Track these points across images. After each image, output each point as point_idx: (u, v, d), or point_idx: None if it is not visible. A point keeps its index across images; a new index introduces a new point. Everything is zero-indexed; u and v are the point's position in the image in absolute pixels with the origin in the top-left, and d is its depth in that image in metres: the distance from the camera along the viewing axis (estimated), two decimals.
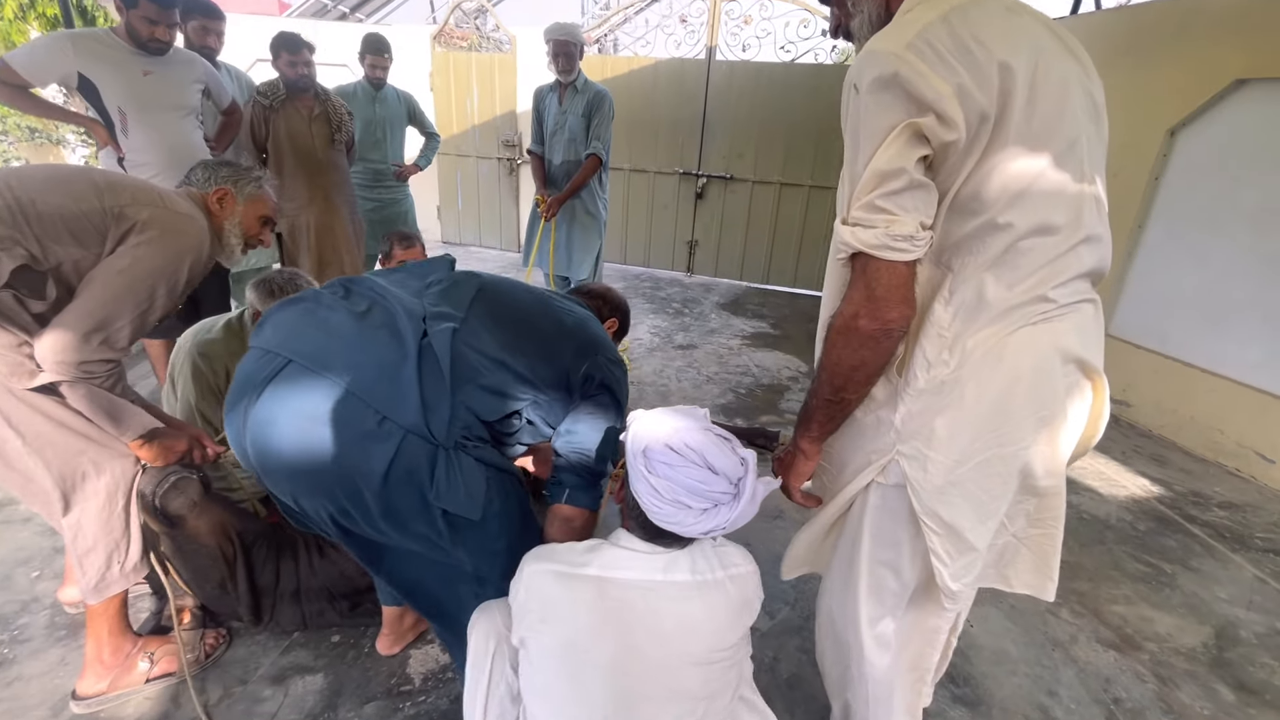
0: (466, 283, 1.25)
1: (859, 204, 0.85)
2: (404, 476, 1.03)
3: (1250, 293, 2.81)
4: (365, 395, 1.03)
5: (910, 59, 0.79)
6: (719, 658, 0.98)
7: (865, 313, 0.87)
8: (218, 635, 1.59)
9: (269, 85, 2.89)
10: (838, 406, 0.97)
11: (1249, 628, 1.91)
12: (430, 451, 1.05)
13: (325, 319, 1.13)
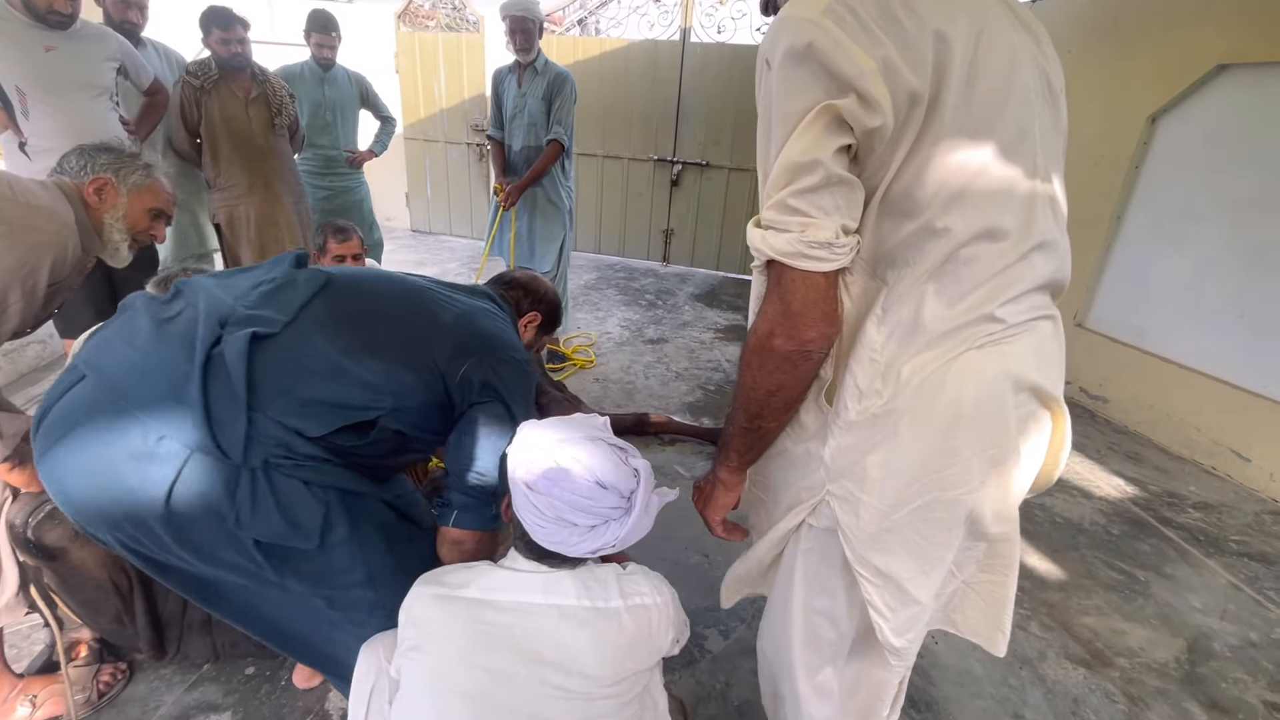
0: (306, 282, 1.11)
1: (770, 203, 0.72)
2: (193, 501, 0.92)
3: (1229, 286, 2.73)
4: (145, 411, 0.93)
5: (828, 25, 0.65)
6: (602, 693, 0.88)
7: (781, 330, 0.74)
8: (115, 671, 1.45)
9: (199, 65, 2.69)
10: (755, 435, 0.85)
11: (1222, 639, 1.84)
12: (227, 473, 0.93)
13: (132, 330, 1.02)
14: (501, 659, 0.85)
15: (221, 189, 2.81)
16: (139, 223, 1.44)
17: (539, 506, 0.87)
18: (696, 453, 2.68)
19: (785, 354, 0.75)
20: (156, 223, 1.50)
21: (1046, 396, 0.81)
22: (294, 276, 1.13)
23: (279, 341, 1.01)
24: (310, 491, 0.98)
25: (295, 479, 0.97)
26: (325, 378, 1.01)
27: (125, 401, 0.93)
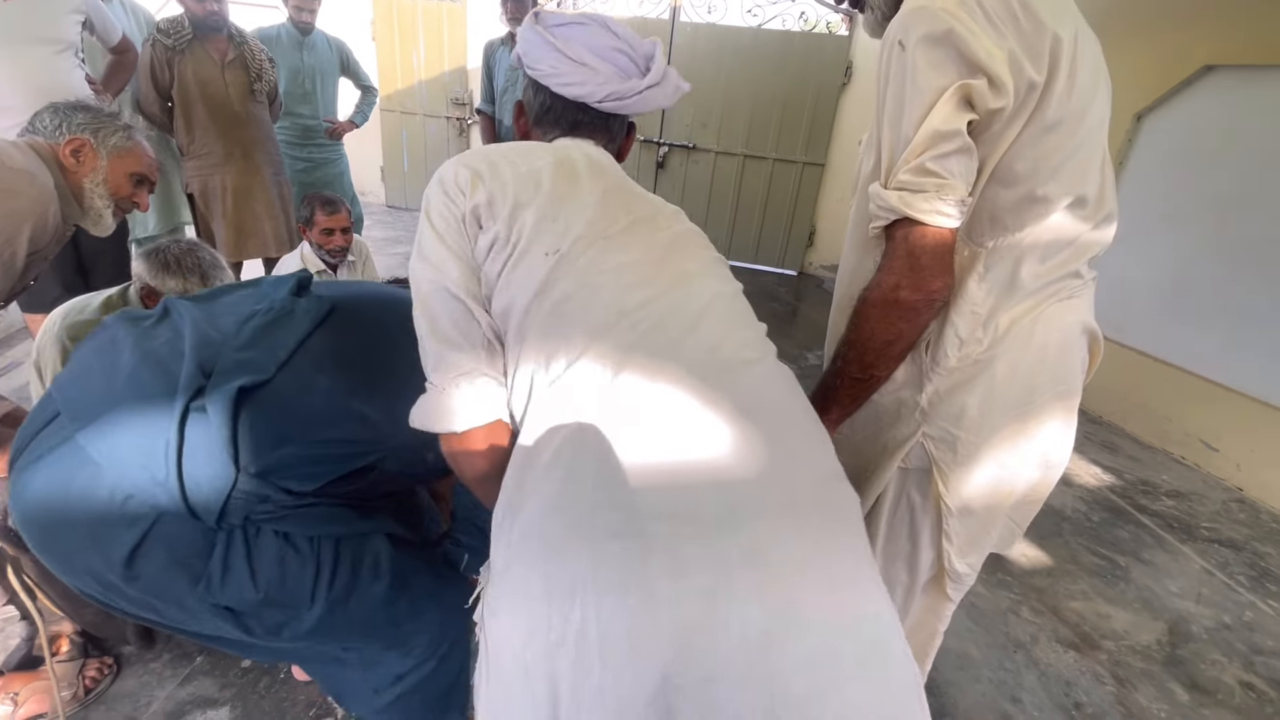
0: (305, 314, 0.97)
1: (908, 167, 0.79)
2: (159, 567, 0.82)
3: (1209, 283, 2.82)
4: (113, 467, 0.82)
5: (963, 17, 0.74)
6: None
7: (908, 283, 0.82)
8: (101, 666, 1.38)
9: (172, 23, 2.52)
10: (865, 385, 0.92)
11: (1199, 622, 1.92)
12: (200, 535, 0.83)
13: (114, 358, 0.91)
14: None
15: (195, 157, 2.65)
16: (121, 188, 1.34)
17: (560, 46, 0.83)
18: None
19: (911, 304, 0.83)
20: (140, 189, 1.41)
21: (1095, 337, 0.95)
22: (292, 307, 0.99)
23: (272, 389, 0.88)
24: (294, 547, 0.87)
25: (278, 533, 0.86)
26: (326, 423, 0.90)
27: (94, 453, 0.82)
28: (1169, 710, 1.61)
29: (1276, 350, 2.61)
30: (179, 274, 1.57)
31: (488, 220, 0.74)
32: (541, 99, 0.89)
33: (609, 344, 0.68)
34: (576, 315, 0.70)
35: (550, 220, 0.74)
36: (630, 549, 0.61)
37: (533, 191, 0.75)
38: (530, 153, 0.81)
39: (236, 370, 0.87)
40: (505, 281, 0.73)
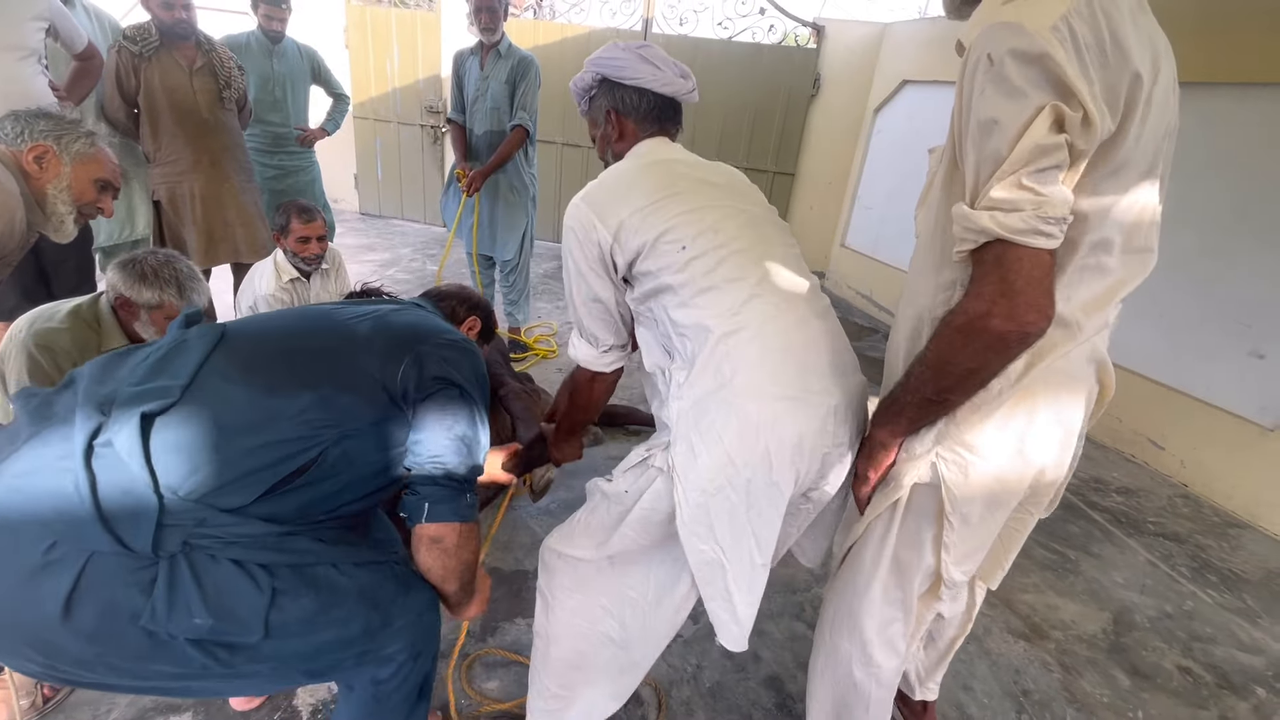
0: (199, 338, 0.97)
1: (1003, 183, 0.74)
2: (99, 609, 0.78)
3: (1148, 290, 2.93)
4: (27, 521, 0.79)
5: (1055, 44, 0.70)
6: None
7: (1000, 311, 0.76)
8: None
9: (138, 29, 2.51)
10: (937, 408, 0.90)
11: (1142, 612, 2.02)
12: (137, 567, 0.80)
13: (12, 431, 0.89)
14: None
15: (162, 164, 2.63)
16: (85, 194, 1.35)
17: (648, 59, 1.14)
18: (636, 435, 2.71)
19: (1000, 334, 0.77)
20: (104, 195, 1.41)
21: (1104, 367, 0.98)
22: (183, 338, 0.99)
23: (182, 410, 0.87)
24: (245, 573, 0.84)
25: (224, 559, 0.83)
26: (249, 429, 0.88)
27: (5, 517, 0.79)
28: (1111, 695, 1.69)
29: (1210, 353, 2.75)
30: (155, 285, 1.57)
31: (628, 238, 1.03)
32: (645, 100, 1.16)
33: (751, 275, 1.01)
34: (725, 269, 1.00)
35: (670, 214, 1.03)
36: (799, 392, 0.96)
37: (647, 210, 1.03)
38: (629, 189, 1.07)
39: (136, 401, 0.86)
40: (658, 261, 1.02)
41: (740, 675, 1.61)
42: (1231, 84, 2.66)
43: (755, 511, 0.96)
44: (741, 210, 1.10)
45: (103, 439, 0.83)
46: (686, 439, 0.97)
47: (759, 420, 0.93)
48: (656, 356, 1.09)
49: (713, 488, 0.94)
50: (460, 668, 1.52)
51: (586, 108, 1.25)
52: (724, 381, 0.95)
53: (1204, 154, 2.76)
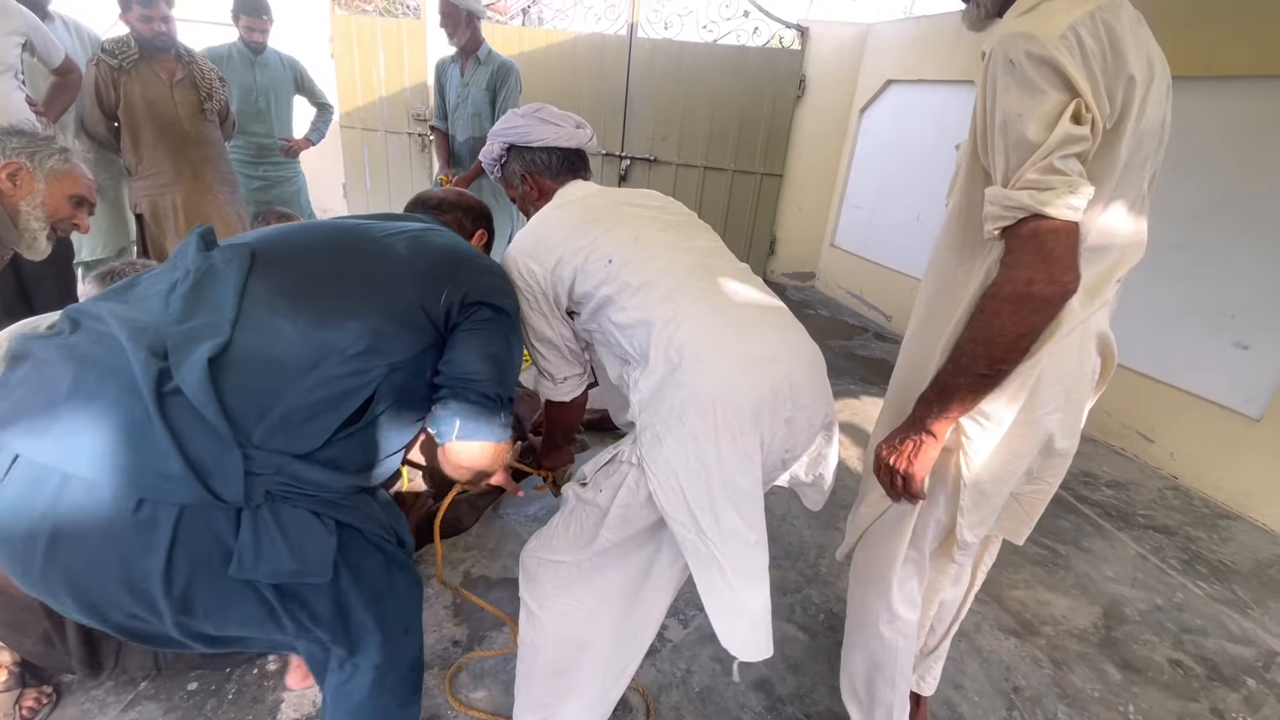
0: (227, 264, 0.93)
1: (1036, 166, 0.84)
2: (196, 560, 0.79)
3: (1133, 283, 2.95)
4: (108, 479, 0.76)
5: (1064, 50, 0.81)
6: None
7: (1042, 276, 0.85)
8: (39, 695, 1.35)
9: (117, 43, 2.50)
10: (991, 380, 0.94)
11: (1133, 605, 2.02)
12: (227, 518, 0.80)
13: (44, 374, 0.82)
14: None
15: (144, 177, 2.63)
16: (59, 211, 1.35)
17: (548, 120, 1.25)
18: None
19: (1045, 296, 0.87)
20: (79, 211, 1.41)
21: (1108, 344, 1.09)
22: (209, 263, 0.94)
23: (236, 349, 0.84)
24: (318, 519, 0.85)
25: (302, 509, 0.84)
26: (310, 367, 0.86)
27: (77, 477, 0.77)
28: (1102, 689, 1.69)
29: (1195, 346, 2.76)
30: None
31: (564, 270, 1.11)
32: (554, 157, 1.27)
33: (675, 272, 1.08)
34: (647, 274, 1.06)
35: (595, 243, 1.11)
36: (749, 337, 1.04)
37: (574, 239, 1.12)
38: (555, 229, 1.16)
39: (191, 342, 0.82)
40: (595, 283, 1.09)
41: (729, 679, 1.60)
42: (1209, 77, 2.68)
43: (732, 486, 0.97)
44: (658, 218, 1.19)
45: (170, 386, 0.80)
46: (651, 427, 1.00)
47: (713, 393, 0.96)
48: (616, 369, 1.14)
49: (682, 468, 0.96)
50: (445, 678, 1.51)
51: (500, 174, 1.35)
52: (674, 365, 0.99)
53: (1184, 148, 2.77)
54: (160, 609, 0.80)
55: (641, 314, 1.04)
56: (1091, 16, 0.82)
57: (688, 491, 0.96)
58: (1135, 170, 0.92)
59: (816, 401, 1.06)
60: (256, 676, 1.48)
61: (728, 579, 0.98)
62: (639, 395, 1.04)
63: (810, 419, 1.06)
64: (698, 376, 0.97)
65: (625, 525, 1.07)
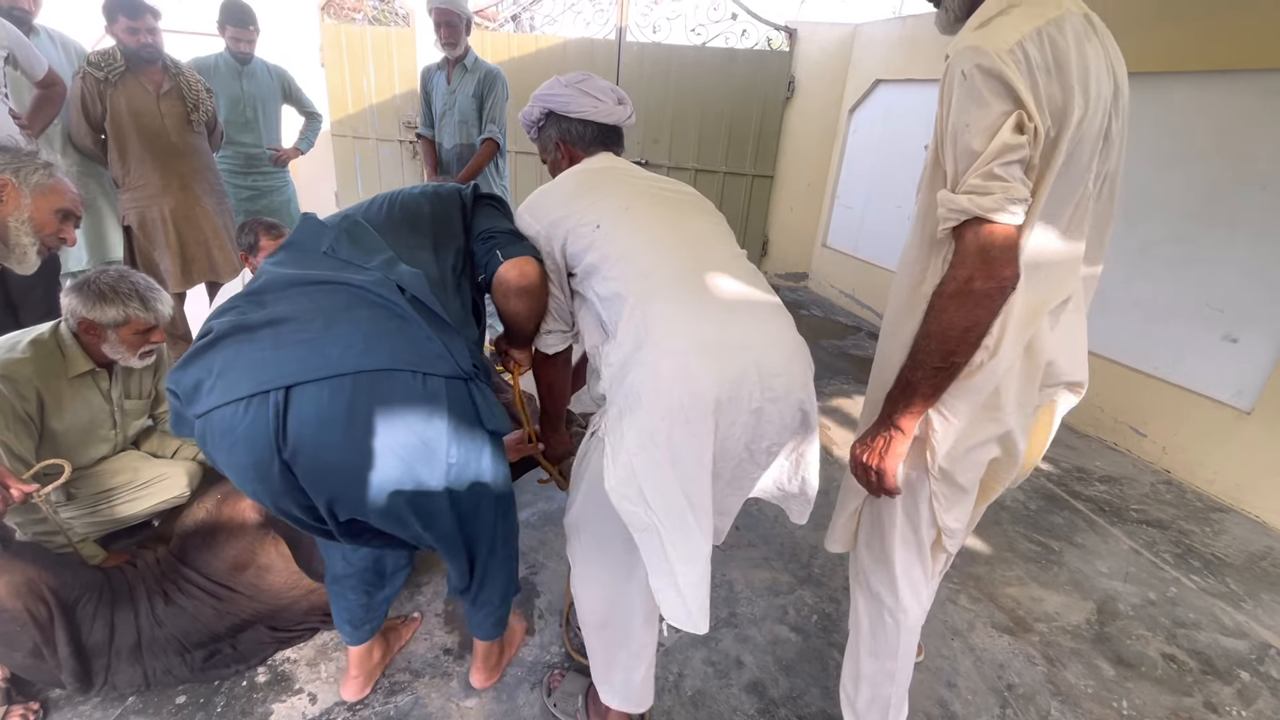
0: (356, 225, 1.20)
1: (977, 173, 0.90)
2: (459, 421, 1.03)
3: (1122, 279, 2.98)
4: (397, 365, 0.99)
5: (1010, 64, 0.86)
6: None
7: (981, 274, 0.92)
8: (26, 712, 1.35)
9: (103, 55, 2.50)
10: (946, 373, 0.99)
11: (1126, 600, 2.02)
12: (464, 386, 1.05)
13: (281, 335, 0.99)
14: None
15: (131, 188, 2.62)
16: (46, 225, 1.35)
17: (588, 92, 1.29)
18: None
19: (985, 292, 0.93)
20: (65, 224, 1.41)
21: (1054, 372, 1.12)
22: (344, 226, 1.20)
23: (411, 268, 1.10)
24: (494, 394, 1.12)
25: (485, 386, 1.09)
26: (441, 277, 1.15)
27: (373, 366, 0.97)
28: (1096, 685, 1.69)
29: (1185, 339, 2.77)
30: (117, 301, 1.56)
31: (556, 231, 1.18)
32: (589, 129, 1.31)
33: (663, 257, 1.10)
34: (633, 247, 1.10)
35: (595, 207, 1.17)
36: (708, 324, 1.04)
37: (572, 202, 1.19)
38: (558, 190, 1.24)
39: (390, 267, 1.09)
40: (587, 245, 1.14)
41: (722, 682, 1.59)
42: (1194, 72, 2.69)
43: (681, 469, 0.98)
44: (658, 192, 1.23)
45: (409, 295, 1.05)
46: (615, 403, 1.04)
47: (671, 375, 0.98)
48: (595, 337, 1.16)
49: (637, 446, 0.98)
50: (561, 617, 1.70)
51: (536, 136, 1.40)
52: (640, 342, 1.01)
53: (1170, 143, 2.79)
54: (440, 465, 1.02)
55: (618, 287, 1.07)
56: (1039, 32, 0.88)
57: (639, 471, 0.98)
58: (1075, 175, 0.98)
59: (791, 394, 1.05)
60: (245, 689, 1.48)
61: (666, 553, 1.01)
62: (609, 369, 1.07)
63: (783, 412, 1.05)
64: (659, 357, 0.99)
65: (595, 497, 1.11)
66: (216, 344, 1.00)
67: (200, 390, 0.97)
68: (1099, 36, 0.98)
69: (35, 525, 1.57)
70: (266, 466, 0.96)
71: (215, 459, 1.01)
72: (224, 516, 1.62)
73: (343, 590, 1.36)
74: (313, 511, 1.05)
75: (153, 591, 1.53)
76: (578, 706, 1.44)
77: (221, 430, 0.96)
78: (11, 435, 1.53)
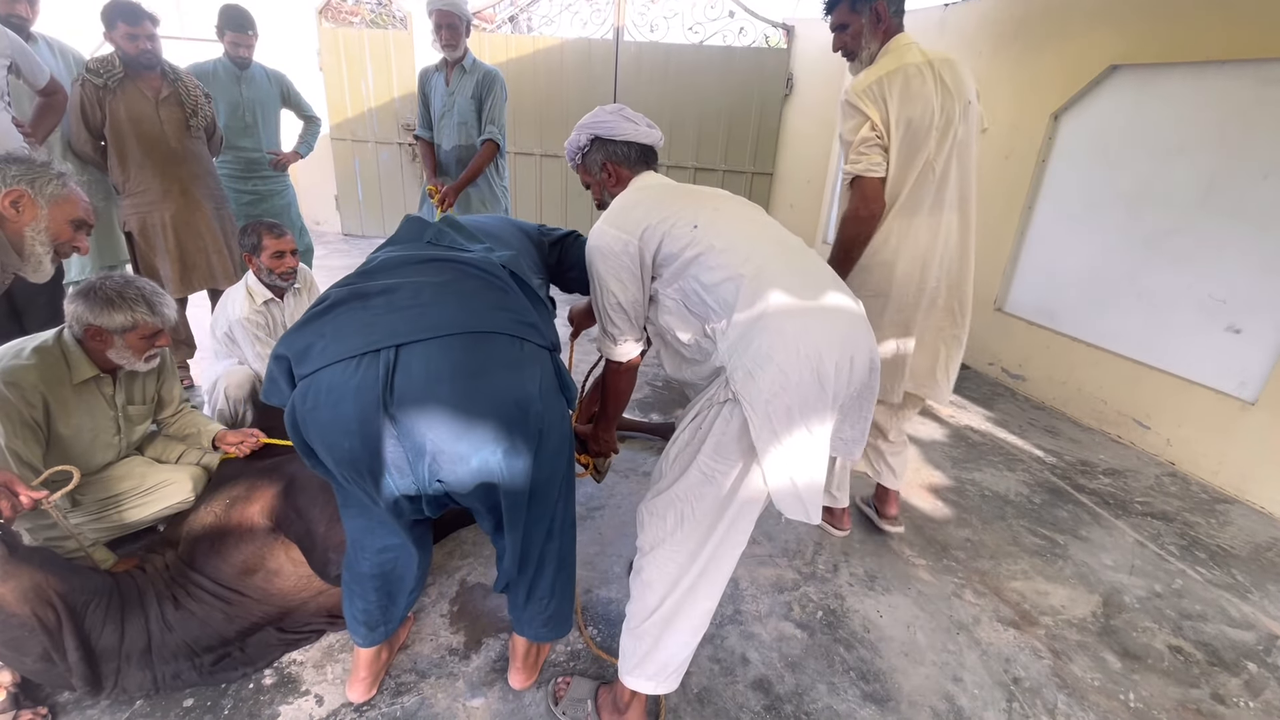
0: (453, 220, 1.40)
1: (853, 152, 1.72)
2: (549, 385, 1.15)
3: (1125, 271, 2.98)
4: (499, 328, 1.11)
5: (866, 99, 1.68)
6: None
7: (861, 205, 1.75)
8: (35, 716, 1.35)
9: (101, 62, 2.50)
10: (849, 260, 1.83)
11: (1131, 593, 2.01)
12: (553, 359, 1.19)
13: (394, 301, 1.11)
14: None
15: (132, 195, 2.63)
16: (61, 234, 1.37)
17: (630, 118, 1.46)
18: (646, 448, 2.71)
19: (864, 216, 1.76)
20: (79, 233, 1.43)
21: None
22: (438, 227, 1.37)
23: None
24: None
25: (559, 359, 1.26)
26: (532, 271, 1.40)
27: (480, 330, 1.10)
28: (1102, 678, 1.68)
29: (1189, 330, 2.76)
30: (124, 307, 1.57)
31: (650, 236, 1.29)
32: (632, 150, 1.47)
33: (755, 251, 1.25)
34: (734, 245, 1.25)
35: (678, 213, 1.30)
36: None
37: (659, 210, 1.31)
38: (639, 205, 1.36)
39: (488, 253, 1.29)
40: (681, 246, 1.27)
41: (728, 679, 1.60)
42: (1190, 63, 2.69)
43: (808, 408, 1.14)
44: (726, 198, 1.43)
45: (508, 273, 1.23)
46: (742, 367, 1.15)
47: (795, 333, 1.14)
48: (691, 326, 1.29)
49: (771, 395, 1.12)
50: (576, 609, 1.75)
51: (580, 162, 1.54)
52: (761, 312, 1.16)
53: (1170, 134, 2.79)
54: (530, 426, 1.11)
55: (729, 272, 1.21)
56: (889, 74, 1.67)
57: (774, 416, 1.12)
58: (912, 152, 1.70)
59: (870, 346, 1.24)
60: (253, 691, 1.48)
61: (789, 466, 1.16)
62: (726, 342, 1.20)
63: (865, 361, 1.23)
64: (781, 322, 1.15)
65: (718, 456, 1.21)
66: (331, 310, 1.09)
67: (311, 351, 1.05)
68: (934, 75, 1.68)
69: (45, 531, 1.58)
70: (372, 420, 1.01)
71: (312, 418, 1.05)
72: (232, 521, 1.63)
73: (364, 590, 1.36)
74: (400, 472, 1.08)
75: (162, 596, 1.53)
76: (588, 711, 1.44)
77: (329, 386, 1.02)
78: (20, 442, 1.54)
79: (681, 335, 1.31)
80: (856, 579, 1.98)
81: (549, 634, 1.44)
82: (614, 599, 1.85)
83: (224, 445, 1.89)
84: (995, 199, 3.57)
